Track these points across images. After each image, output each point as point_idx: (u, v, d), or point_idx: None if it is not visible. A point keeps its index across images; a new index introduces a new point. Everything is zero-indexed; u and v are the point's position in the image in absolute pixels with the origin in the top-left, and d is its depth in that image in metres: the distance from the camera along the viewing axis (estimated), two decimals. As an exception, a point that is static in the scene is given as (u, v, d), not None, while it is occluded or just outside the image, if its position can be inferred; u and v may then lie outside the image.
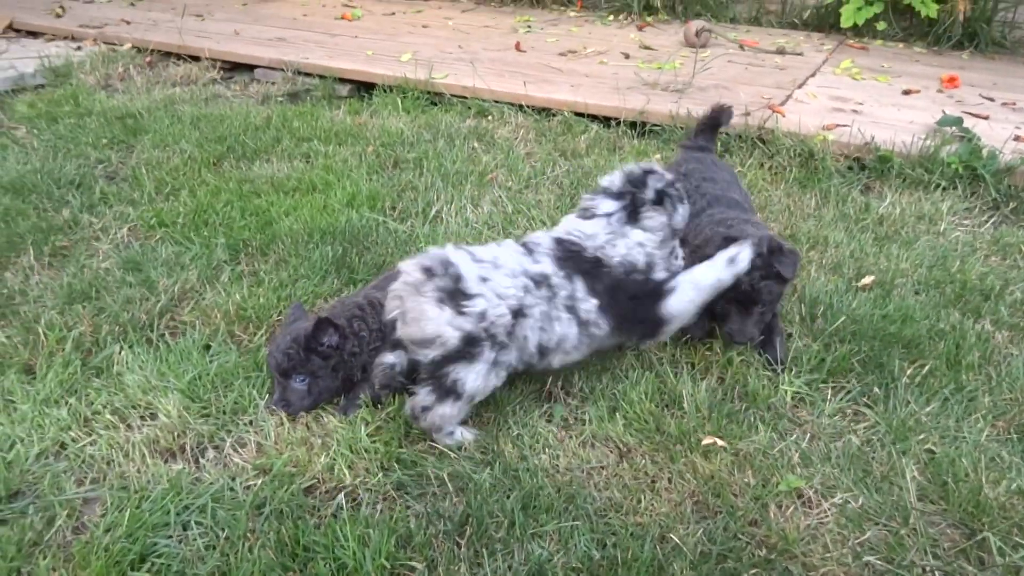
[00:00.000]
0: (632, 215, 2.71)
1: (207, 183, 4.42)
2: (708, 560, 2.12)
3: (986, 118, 5.17)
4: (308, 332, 2.67)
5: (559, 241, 2.68)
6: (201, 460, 2.52)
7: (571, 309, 2.59)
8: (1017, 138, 4.80)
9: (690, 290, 2.69)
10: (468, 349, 2.40)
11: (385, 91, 5.95)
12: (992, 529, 2.19)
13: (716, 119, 3.91)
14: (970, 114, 5.19)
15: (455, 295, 2.37)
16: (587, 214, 2.75)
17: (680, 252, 2.87)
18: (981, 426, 2.65)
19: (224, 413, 2.69)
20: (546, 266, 2.59)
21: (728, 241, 2.82)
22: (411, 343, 2.45)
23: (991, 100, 5.64)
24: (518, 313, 2.47)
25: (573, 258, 2.64)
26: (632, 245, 2.69)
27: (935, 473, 2.44)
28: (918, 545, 2.18)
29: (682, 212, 2.77)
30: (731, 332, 2.91)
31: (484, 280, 2.44)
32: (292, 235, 3.77)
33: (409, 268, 2.42)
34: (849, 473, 2.45)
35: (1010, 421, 2.69)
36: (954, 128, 4.76)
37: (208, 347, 3.02)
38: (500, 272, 2.48)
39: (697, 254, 2.92)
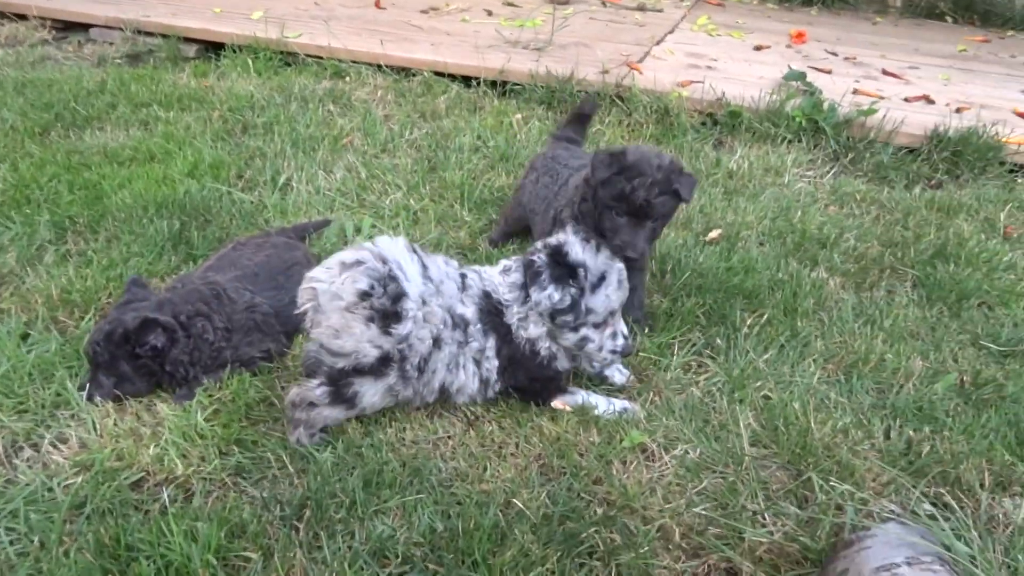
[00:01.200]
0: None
1: (31, 155, 4.05)
2: (550, 522, 2.13)
3: (829, 72, 5.40)
4: (127, 330, 2.44)
5: (487, 295, 2.48)
6: (15, 460, 2.32)
7: (478, 364, 2.47)
8: (856, 91, 5.05)
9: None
10: (381, 368, 2.28)
11: (235, 51, 5.63)
12: (816, 469, 2.30)
13: (581, 110, 3.70)
14: (815, 68, 5.42)
15: (388, 316, 2.20)
16: (509, 278, 2.48)
17: (618, 339, 2.53)
18: (813, 370, 2.79)
19: (43, 408, 2.48)
20: (469, 312, 2.42)
21: (614, 157, 2.67)
22: (324, 349, 2.28)
23: (835, 55, 5.90)
24: (436, 342, 2.35)
25: (494, 316, 2.47)
26: (542, 334, 2.50)
27: (768, 418, 2.54)
28: (749, 490, 2.26)
29: (542, 295, 2.38)
30: (622, 244, 2.66)
31: (425, 304, 2.28)
32: (125, 210, 3.51)
33: (346, 287, 2.19)
34: (690, 425, 2.52)
35: (839, 363, 2.84)
36: (799, 83, 4.95)
37: (26, 336, 2.78)
38: (436, 300, 2.32)
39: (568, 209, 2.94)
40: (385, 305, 2.17)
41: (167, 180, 3.82)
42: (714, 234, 3.62)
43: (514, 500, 2.20)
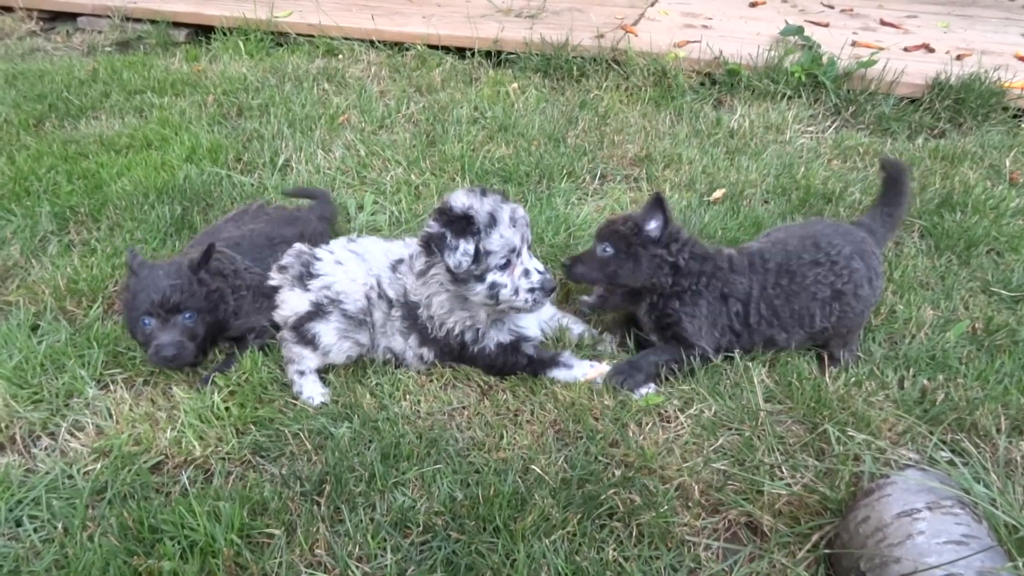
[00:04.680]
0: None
1: (27, 147, 4.04)
2: (569, 486, 2.14)
3: (826, 25, 5.33)
4: (193, 259, 2.55)
5: (407, 294, 2.56)
6: (33, 450, 2.34)
7: (405, 338, 2.58)
8: (855, 43, 4.98)
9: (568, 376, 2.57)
10: (319, 312, 2.55)
11: (225, 34, 5.57)
12: (831, 421, 2.30)
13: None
14: (811, 22, 5.34)
15: (303, 276, 2.59)
16: (415, 269, 2.54)
17: (532, 276, 2.45)
18: (824, 324, 2.77)
19: (57, 397, 2.49)
20: (392, 294, 2.57)
21: None
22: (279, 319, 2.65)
23: (831, 7, 5.82)
24: (369, 300, 2.57)
25: (414, 319, 2.56)
26: (455, 319, 2.52)
27: (782, 375, 2.54)
28: (766, 444, 2.26)
29: (458, 254, 2.34)
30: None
31: (339, 264, 2.60)
32: (126, 197, 3.50)
33: (274, 272, 2.67)
34: (705, 384, 2.52)
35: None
36: (796, 37, 4.88)
37: (36, 327, 2.78)
38: (361, 265, 2.59)
39: None
40: (301, 270, 2.59)
41: (166, 166, 3.80)
42: (718, 194, 3.59)
43: (532, 466, 2.21)
